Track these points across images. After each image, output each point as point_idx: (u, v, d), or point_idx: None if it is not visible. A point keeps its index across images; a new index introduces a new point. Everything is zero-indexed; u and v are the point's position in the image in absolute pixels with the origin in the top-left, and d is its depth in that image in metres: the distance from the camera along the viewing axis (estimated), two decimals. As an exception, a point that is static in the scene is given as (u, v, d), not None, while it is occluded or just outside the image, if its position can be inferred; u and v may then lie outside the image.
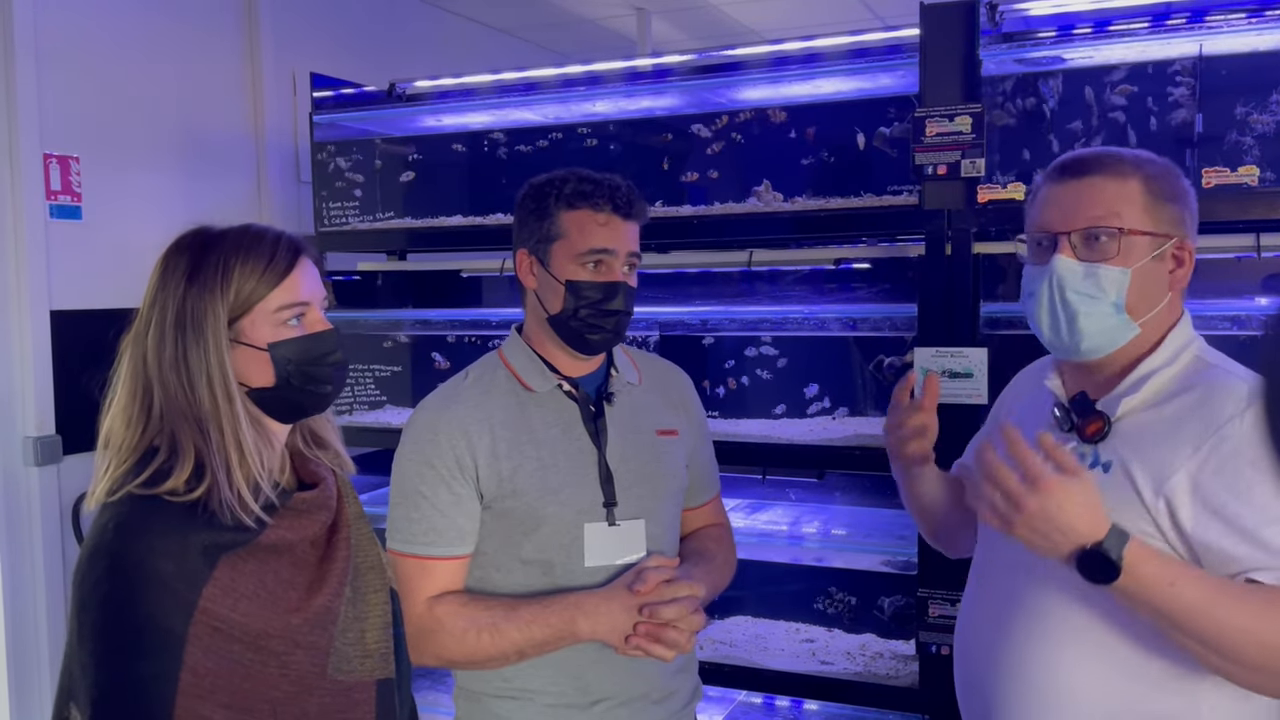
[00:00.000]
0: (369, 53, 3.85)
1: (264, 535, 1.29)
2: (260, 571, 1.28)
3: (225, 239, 1.33)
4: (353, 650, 1.35)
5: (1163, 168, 1.39)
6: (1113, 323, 1.36)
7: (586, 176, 1.63)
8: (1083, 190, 1.37)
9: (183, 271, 1.31)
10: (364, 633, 1.37)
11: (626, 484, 1.64)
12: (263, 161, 3.45)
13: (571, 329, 1.62)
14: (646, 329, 2.78)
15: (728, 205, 2.62)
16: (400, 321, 3.24)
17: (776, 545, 2.59)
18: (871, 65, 2.43)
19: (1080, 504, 1.22)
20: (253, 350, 1.31)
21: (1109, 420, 1.37)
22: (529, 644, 1.55)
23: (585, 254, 1.60)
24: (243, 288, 1.30)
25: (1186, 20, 2.14)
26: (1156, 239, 1.35)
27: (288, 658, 1.29)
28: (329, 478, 1.42)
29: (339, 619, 1.34)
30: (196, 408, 1.28)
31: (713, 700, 2.70)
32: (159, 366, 1.29)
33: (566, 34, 4.91)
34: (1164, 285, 1.37)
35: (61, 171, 2.84)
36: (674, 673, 1.69)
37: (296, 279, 1.33)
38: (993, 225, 2.18)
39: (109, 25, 2.98)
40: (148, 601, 1.22)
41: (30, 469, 2.76)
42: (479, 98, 2.94)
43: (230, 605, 1.24)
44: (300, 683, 1.30)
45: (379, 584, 1.42)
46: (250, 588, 1.27)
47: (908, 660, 2.47)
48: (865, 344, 2.62)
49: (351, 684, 1.34)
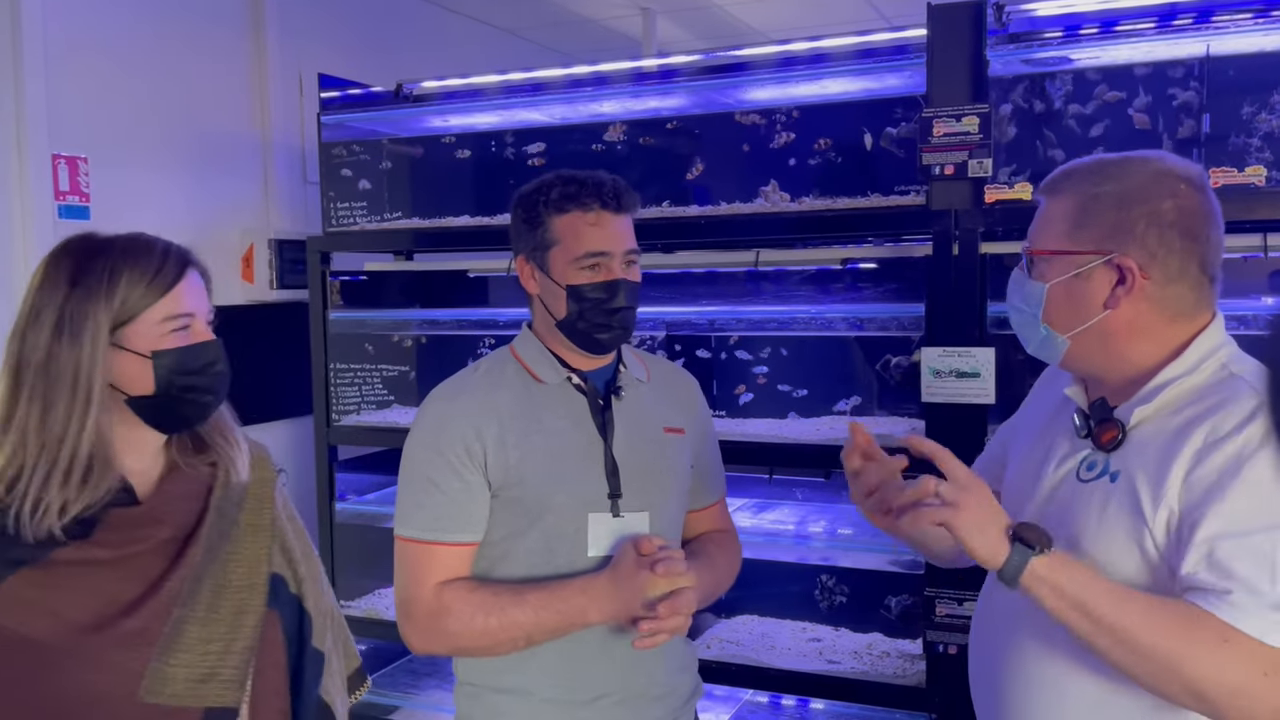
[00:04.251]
0: (375, 53, 3.86)
1: (62, 552, 1.26)
2: (64, 588, 1.27)
3: (114, 246, 1.33)
4: (183, 673, 1.29)
5: (1126, 181, 1.35)
6: (1040, 334, 1.41)
7: (571, 178, 1.63)
8: (1039, 210, 1.45)
9: (66, 275, 1.30)
10: (206, 655, 1.31)
11: (631, 477, 1.65)
12: (269, 162, 3.45)
13: (580, 331, 1.63)
14: (653, 328, 2.79)
15: (734, 205, 2.62)
16: (407, 321, 3.24)
17: (783, 544, 2.59)
18: (878, 65, 2.43)
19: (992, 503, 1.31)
20: (135, 357, 1.31)
21: (1124, 428, 1.36)
22: (537, 628, 1.55)
23: (582, 257, 1.61)
24: (129, 295, 1.30)
25: (1193, 20, 2.15)
26: (1077, 257, 1.36)
27: (87, 677, 1.26)
28: (185, 490, 1.38)
29: (161, 639, 1.29)
30: (52, 408, 1.27)
31: (719, 699, 2.70)
32: (28, 362, 1.29)
33: (571, 34, 4.92)
34: (1094, 303, 1.35)
35: (70, 172, 2.85)
36: (674, 670, 1.70)
37: (182, 290, 1.34)
38: (1000, 225, 2.18)
39: (117, 27, 2.99)
40: None
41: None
42: (486, 98, 2.95)
43: (20, 620, 1.24)
44: (100, 703, 1.27)
45: (249, 605, 1.36)
46: (47, 604, 1.25)
47: (915, 659, 2.47)
48: (872, 344, 2.62)
49: (169, 709, 1.29)
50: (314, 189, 3.31)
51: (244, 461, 1.44)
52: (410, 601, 1.60)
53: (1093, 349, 1.39)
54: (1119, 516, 1.31)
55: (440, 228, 2.99)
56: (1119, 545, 1.31)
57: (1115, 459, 1.36)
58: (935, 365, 2.20)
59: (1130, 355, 1.37)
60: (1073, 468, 1.40)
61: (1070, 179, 1.41)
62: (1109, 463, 1.36)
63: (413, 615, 1.60)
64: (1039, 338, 1.42)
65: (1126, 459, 1.34)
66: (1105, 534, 1.32)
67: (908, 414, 2.54)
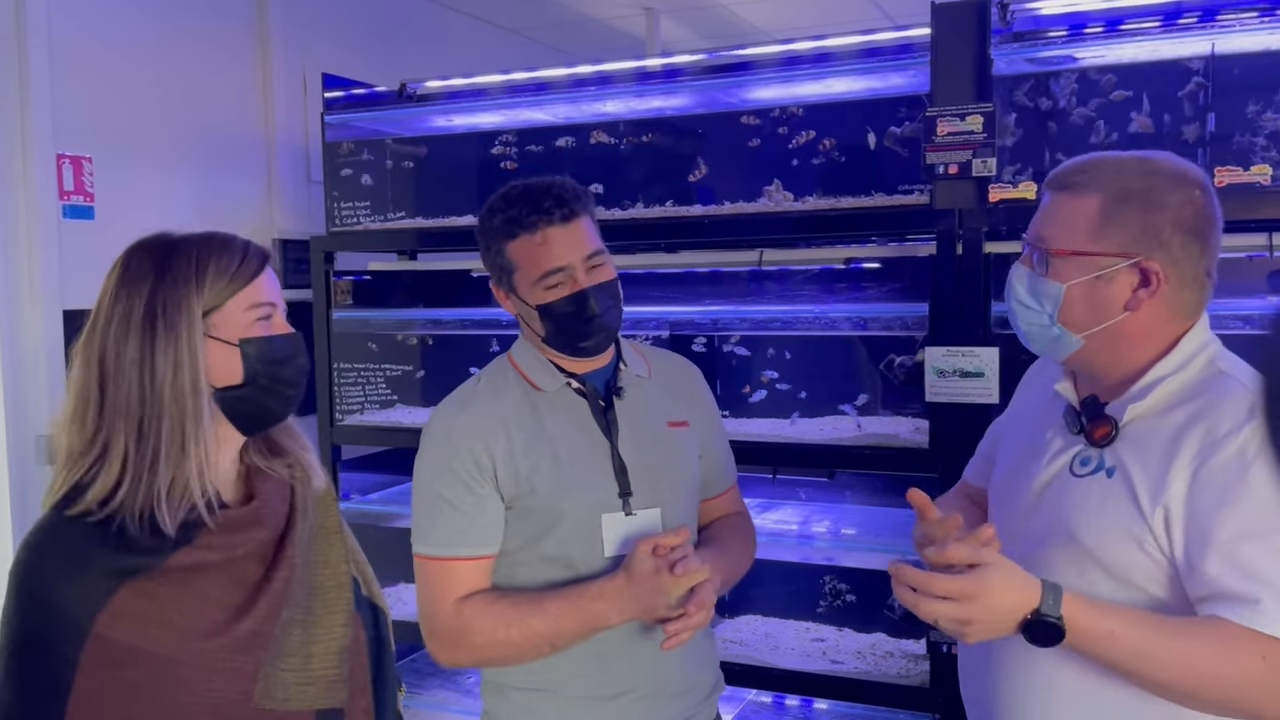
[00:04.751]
0: (378, 53, 3.86)
1: (176, 557, 1.23)
2: (176, 595, 1.22)
3: (193, 239, 1.31)
4: (291, 677, 1.27)
5: (1149, 183, 1.34)
6: (1051, 334, 1.39)
7: (515, 199, 1.61)
8: (1049, 205, 1.41)
9: (150, 267, 1.27)
10: (310, 658, 1.30)
11: (640, 474, 1.65)
12: (273, 161, 3.46)
13: (563, 344, 1.64)
14: (657, 328, 2.79)
15: (738, 205, 2.62)
16: (411, 321, 3.25)
17: (787, 544, 2.59)
18: (883, 65, 2.43)
19: (1008, 586, 1.22)
20: (223, 346, 1.28)
21: (1117, 425, 1.36)
22: (558, 635, 1.56)
23: (541, 279, 1.60)
24: (216, 282, 1.27)
25: (1198, 19, 2.14)
26: (1102, 259, 1.34)
27: (204, 685, 1.22)
28: (275, 492, 1.36)
29: (271, 643, 1.27)
30: (150, 405, 1.23)
31: (723, 699, 2.67)
32: (117, 364, 1.24)
33: (575, 34, 4.92)
34: (1114, 304, 1.35)
35: (74, 172, 2.85)
36: (696, 666, 1.71)
37: (263, 281, 1.31)
38: (1004, 224, 2.18)
39: (121, 27, 2.99)
40: (42, 626, 1.19)
41: (43, 467, 2.77)
42: (489, 98, 2.95)
43: (133, 632, 1.20)
44: (218, 712, 1.23)
45: (338, 606, 1.35)
46: (159, 613, 1.21)
47: (918, 660, 2.47)
48: (876, 343, 2.62)
49: (283, 714, 1.26)
50: (318, 188, 3.32)
51: (318, 465, 1.43)
52: (433, 618, 1.61)
53: (1102, 348, 1.38)
54: (1117, 512, 1.31)
55: (444, 227, 2.99)
56: (1117, 539, 1.31)
57: (1109, 454, 1.36)
58: (939, 365, 2.19)
59: (1134, 354, 1.38)
60: (1065, 463, 1.41)
61: (1090, 176, 1.37)
62: (1103, 458, 1.37)
63: (436, 632, 1.61)
64: (1049, 337, 1.41)
65: (1121, 455, 1.35)
66: (1103, 528, 1.33)
67: (911, 414, 2.53)
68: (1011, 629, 1.23)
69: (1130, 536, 1.30)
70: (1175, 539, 1.27)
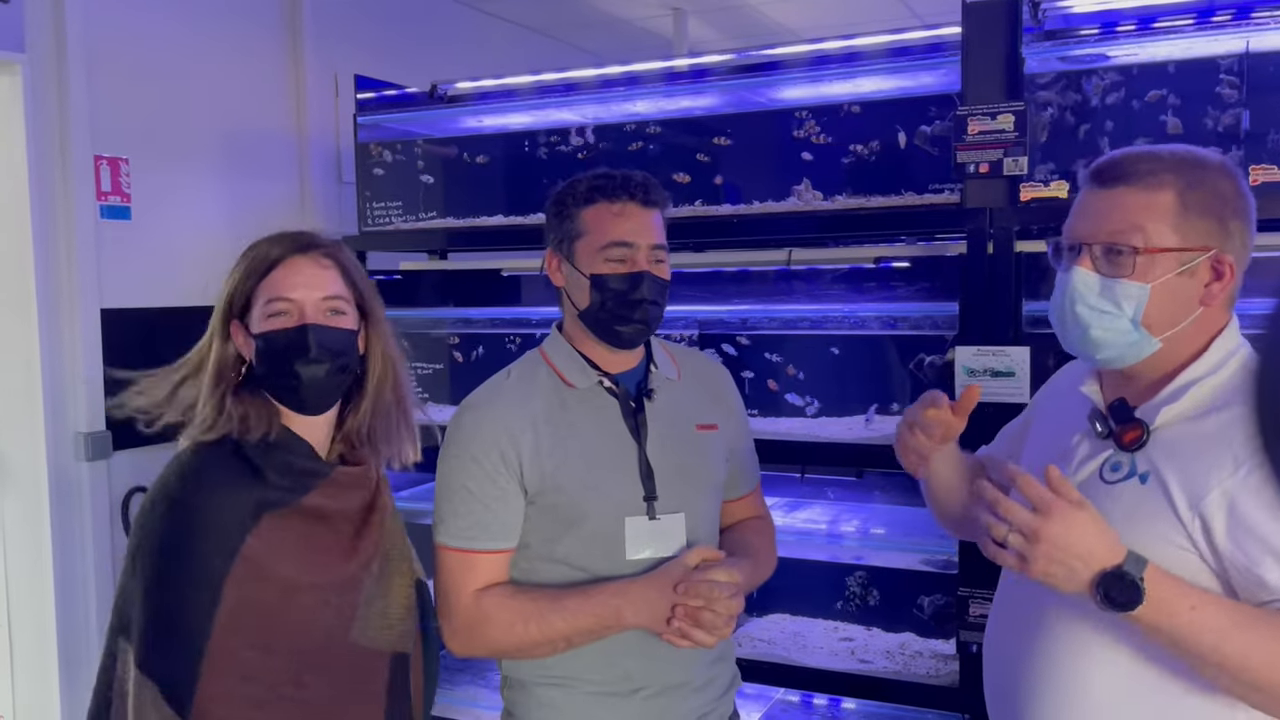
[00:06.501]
0: (409, 54, 3.89)
1: (305, 499, 1.43)
2: (301, 530, 1.42)
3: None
4: (376, 620, 1.47)
5: (1206, 172, 1.31)
6: (1130, 338, 1.32)
7: (603, 173, 1.65)
8: (1111, 201, 1.32)
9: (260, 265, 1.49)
10: (387, 607, 1.49)
11: (666, 478, 1.65)
12: (305, 162, 3.50)
13: (600, 322, 1.64)
14: (685, 327, 2.79)
15: (767, 204, 2.62)
16: (441, 320, 3.27)
17: (815, 543, 2.59)
18: (912, 64, 2.43)
19: (1094, 530, 1.20)
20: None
21: (1148, 429, 1.32)
22: (575, 632, 1.57)
23: (606, 247, 1.62)
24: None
25: (1232, 17, 2.12)
26: (1185, 254, 1.29)
27: (315, 613, 1.41)
28: (372, 463, 1.55)
29: (364, 589, 1.47)
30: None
31: (751, 698, 2.70)
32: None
33: (603, 35, 4.93)
34: (1192, 300, 1.31)
35: (111, 173, 2.90)
36: (712, 661, 1.71)
37: (279, 277, 1.50)
38: (1035, 223, 2.17)
39: (156, 31, 3.04)
40: (199, 544, 1.36)
41: (81, 464, 2.81)
42: (519, 98, 2.97)
43: (269, 554, 1.38)
44: (324, 638, 1.42)
45: (405, 570, 1.55)
46: (289, 543, 1.41)
47: (948, 659, 2.46)
48: (906, 343, 2.61)
49: (371, 651, 1.46)
50: (349, 189, 3.35)
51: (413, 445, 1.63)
52: (451, 608, 1.62)
53: (1177, 346, 1.33)
54: (1152, 519, 1.28)
55: (474, 227, 3.01)
56: (1152, 546, 1.26)
57: (1141, 459, 1.32)
58: (970, 364, 2.19)
59: (1183, 353, 1.34)
60: (1095, 469, 1.37)
61: (1155, 165, 1.31)
62: (1135, 463, 1.33)
63: (453, 622, 1.62)
64: (1127, 342, 1.32)
65: (1155, 460, 1.31)
66: (1137, 535, 1.27)
67: (941, 413, 2.52)
68: (1084, 581, 1.19)
69: (1167, 543, 1.26)
70: (1219, 545, 1.24)
